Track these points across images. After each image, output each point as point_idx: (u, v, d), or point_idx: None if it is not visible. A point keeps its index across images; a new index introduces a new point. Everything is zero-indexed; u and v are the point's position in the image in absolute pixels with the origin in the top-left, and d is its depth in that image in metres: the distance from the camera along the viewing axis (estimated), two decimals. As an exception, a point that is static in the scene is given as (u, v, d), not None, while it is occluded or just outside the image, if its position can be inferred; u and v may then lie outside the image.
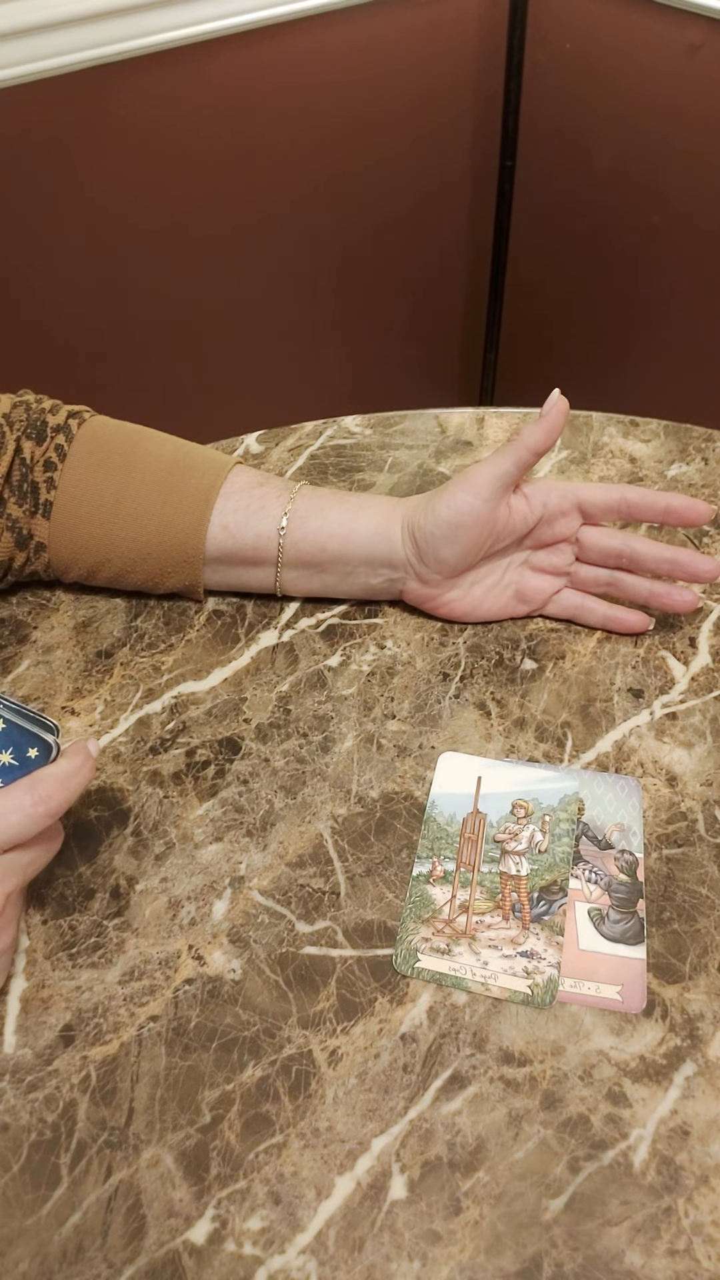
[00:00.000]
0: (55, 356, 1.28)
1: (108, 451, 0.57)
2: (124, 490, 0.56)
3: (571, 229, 1.46)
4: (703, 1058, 0.42)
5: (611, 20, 1.25)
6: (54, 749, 0.43)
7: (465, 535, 0.54)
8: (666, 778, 0.52)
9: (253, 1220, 0.38)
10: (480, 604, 0.58)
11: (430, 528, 0.54)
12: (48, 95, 1.08)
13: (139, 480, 0.56)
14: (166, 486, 0.56)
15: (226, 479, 0.57)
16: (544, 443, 0.54)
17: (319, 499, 0.57)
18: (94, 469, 0.56)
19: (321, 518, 0.56)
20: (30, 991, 0.44)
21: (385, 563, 0.56)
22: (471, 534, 0.54)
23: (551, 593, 0.58)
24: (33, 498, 0.56)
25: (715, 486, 0.68)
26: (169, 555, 0.57)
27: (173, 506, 0.56)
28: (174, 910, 0.47)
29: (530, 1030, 0.43)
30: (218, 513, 0.56)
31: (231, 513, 0.56)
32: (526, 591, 0.58)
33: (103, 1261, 0.37)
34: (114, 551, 0.57)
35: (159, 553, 0.57)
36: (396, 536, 0.56)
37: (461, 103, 1.40)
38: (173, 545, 0.56)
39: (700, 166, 1.25)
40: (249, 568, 0.58)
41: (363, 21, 1.23)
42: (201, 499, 0.56)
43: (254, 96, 1.22)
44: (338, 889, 0.48)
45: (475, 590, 0.58)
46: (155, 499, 0.56)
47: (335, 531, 0.56)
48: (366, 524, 0.56)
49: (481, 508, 0.54)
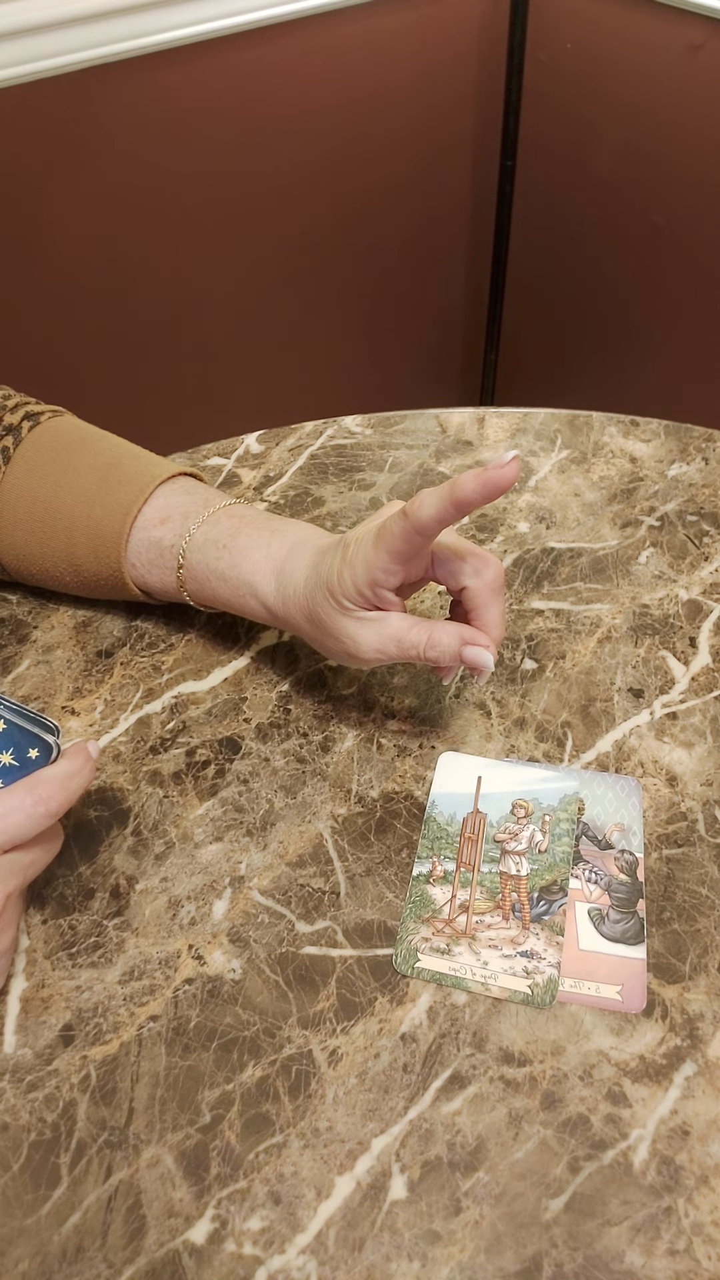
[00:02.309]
0: (54, 355, 1.28)
1: (48, 457, 0.56)
2: (53, 501, 0.55)
3: (571, 229, 1.46)
4: (703, 1058, 0.42)
5: (611, 20, 1.25)
6: (54, 750, 0.43)
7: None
8: (666, 778, 0.52)
9: (253, 1220, 0.38)
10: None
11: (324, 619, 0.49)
12: (47, 95, 1.08)
13: (67, 492, 0.55)
14: (91, 500, 0.54)
15: (139, 515, 0.54)
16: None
17: (207, 548, 0.53)
18: (29, 474, 0.55)
19: (207, 569, 0.53)
20: (30, 991, 0.44)
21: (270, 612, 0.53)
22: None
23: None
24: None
25: (715, 486, 0.68)
26: (98, 578, 0.56)
27: (95, 524, 0.54)
28: (174, 910, 0.47)
29: (530, 1030, 0.43)
30: (129, 549, 0.54)
31: (138, 551, 0.54)
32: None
33: (103, 1261, 0.37)
34: (48, 561, 0.56)
35: (87, 573, 0.55)
36: (270, 594, 0.52)
37: (462, 102, 1.40)
38: (96, 570, 0.55)
39: (700, 166, 1.25)
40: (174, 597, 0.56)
41: (363, 22, 1.23)
42: (114, 538, 0.54)
43: (254, 96, 1.22)
44: (338, 889, 0.48)
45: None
46: (81, 513, 0.54)
47: (219, 593, 0.53)
48: (248, 574, 0.52)
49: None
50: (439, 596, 0.61)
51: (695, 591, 0.61)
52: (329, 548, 0.49)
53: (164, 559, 0.54)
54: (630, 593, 0.61)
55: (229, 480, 0.69)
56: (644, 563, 0.63)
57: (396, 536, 0.45)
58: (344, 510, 0.67)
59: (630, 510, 0.66)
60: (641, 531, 0.65)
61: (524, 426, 0.73)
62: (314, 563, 0.50)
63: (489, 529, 0.65)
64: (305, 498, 0.68)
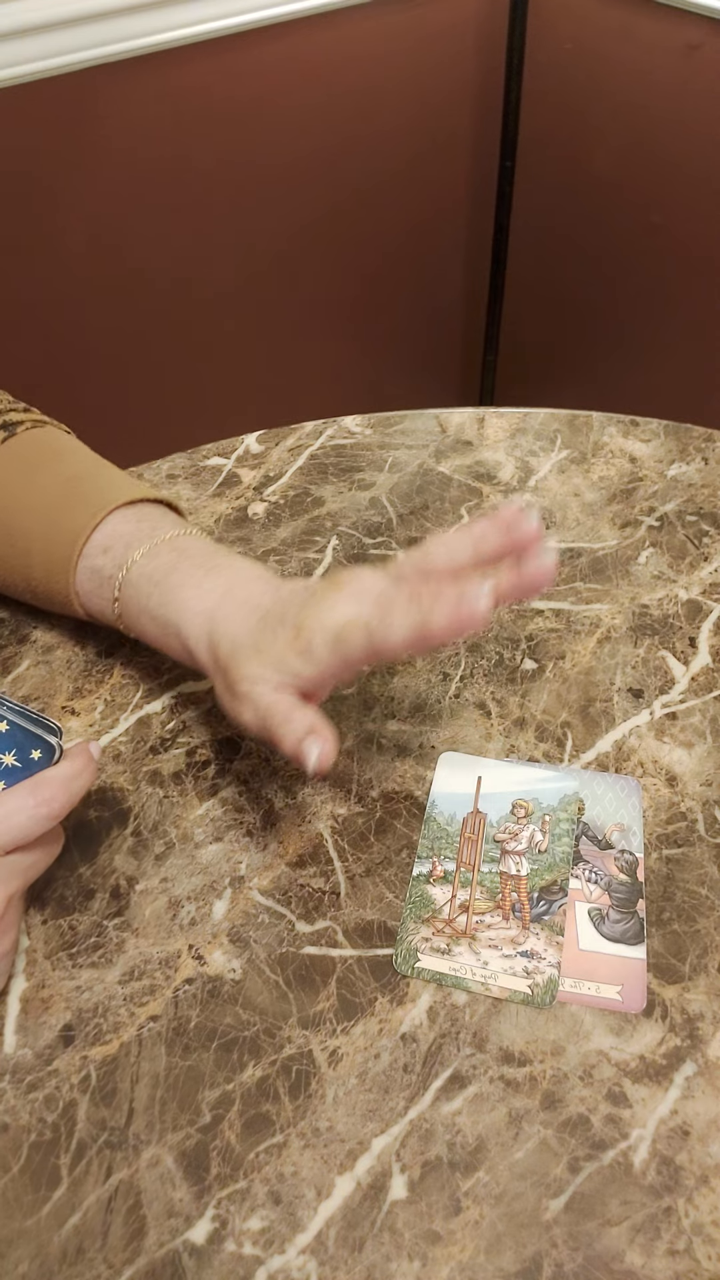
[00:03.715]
0: (54, 355, 1.28)
1: (17, 468, 0.55)
2: (14, 515, 0.54)
3: (571, 229, 1.46)
4: (703, 1058, 0.42)
5: (611, 20, 1.25)
6: (57, 751, 0.43)
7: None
8: (666, 778, 0.52)
9: (253, 1220, 0.38)
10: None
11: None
12: (48, 95, 1.08)
13: (26, 507, 0.54)
14: (47, 520, 0.53)
15: (87, 541, 0.52)
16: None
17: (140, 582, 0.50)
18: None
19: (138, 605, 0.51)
20: (30, 991, 0.44)
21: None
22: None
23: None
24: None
25: (715, 486, 0.68)
26: (51, 597, 0.54)
27: (49, 544, 0.53)
28: (174, 910, 0.47)
29: (530, 1030, 0.43)
30: (77, 574, 0.52)
31: (82, 578, 0.52)
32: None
33: (103, 1262, 0.37)
34: (5, 573, 0.55)
35: (42, 591, 0.54)
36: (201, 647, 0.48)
37: (461, 103, 1.40)
38: (50, 590, 0.54)
39: (700, 166, 1.25)
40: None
41: (362, 22, 1.23)
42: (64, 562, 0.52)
43: (254, 96, 1.22)
44: (338, 889, 0.48)
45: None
46: (37, 531, 0.53)
47: (148, 630, 0.51)
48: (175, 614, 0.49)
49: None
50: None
51: (695, 591, 0.61)
52: (274, 619, 0.45)
53: (103, 589, 0.51)
54: (630, 593, 0.61)
55: (229, 480, 0.70)
56: (644, 563, 0.63)
57: (358, 650, 0.42)
58: (344, 510, 0.67)
59: (630, 510, 0.66)
60: (641, 531, 0.65)
61: (524, 426, 0.73)
62: (255, 628, 0.45)
63: (489, 529, 0.65)
64: (305, 498, 0.68)
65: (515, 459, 0.70)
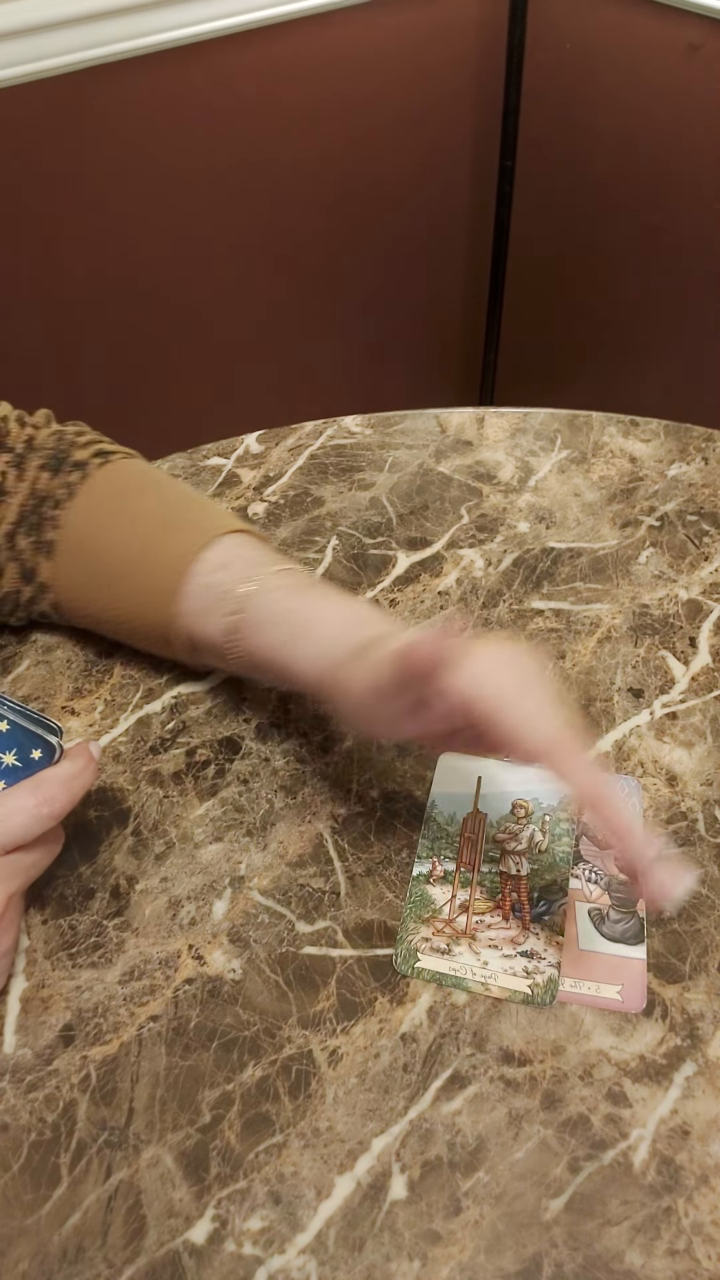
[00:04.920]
0: (54, 355, 1.28)
1: (113, 496, 0.54)
2: (110, 541, 0.53)
3: (571, 229, 1.46)
4: (703, 1057, 0.42)
5: (611, 20, 1.25)
6: (57, 750, 0.43)
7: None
8: (666, 777, 0.52)
9: (253, 1220, 0.38)
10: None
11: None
12: (47, 95, 1.08)
13: (125, 534, 0.53)
14: (148, 544, 0.52)
15: (198, 559, 0.51)
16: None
17: (276, 593, 0.49)
18: (93, 512, 0.54)
19: (270, 610, 0.49)
20: (30, 991, 0.44)
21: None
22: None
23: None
24: (38, 532, 0.54)
25: (715, 486, 0.68)
26: (145, 624, 0.53)
27: (150, 568, 0.52)
28: (174, 910, 0.47)
29: (530, 1030, 0.43)
30: (184, 594, 0.51)
31: (195, 596, 0.51)
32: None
33: (103, 1261, 0.37)
34: (95, 605, 0.54)
35: (133, 620, 0.53)
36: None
37: (461, 103, 1.39)
38: (144, 616, 0.53)
39: (700, 166, 1.25)
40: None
41: (362, 22, 1.23)
42: (170, 582, 0.51)
43: (254, 96, 1.22)
44: (338, 889, 0.48)
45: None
46: (135, 556, 0.52)
47: (271, 638, 0.49)
48: (317, 624, 0.48)
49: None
50: (438, 596, 0.61)
51: (695, 591, 0.61)
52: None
53: (221, 603, 0.50)
54: (630, 593, 0.61)
55: (229, 480, 0.70)
56: (644, 563, 0.63)
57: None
58: (344, 510, 0.67)
59: (630, 510, 0.66)
60: (641, 531, 0.65)
61: (524, 426, 0.73)
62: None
63: (489, 529, 0.65)
64: (305, 498, 0.68)
65: (515, 459, 0.70)
